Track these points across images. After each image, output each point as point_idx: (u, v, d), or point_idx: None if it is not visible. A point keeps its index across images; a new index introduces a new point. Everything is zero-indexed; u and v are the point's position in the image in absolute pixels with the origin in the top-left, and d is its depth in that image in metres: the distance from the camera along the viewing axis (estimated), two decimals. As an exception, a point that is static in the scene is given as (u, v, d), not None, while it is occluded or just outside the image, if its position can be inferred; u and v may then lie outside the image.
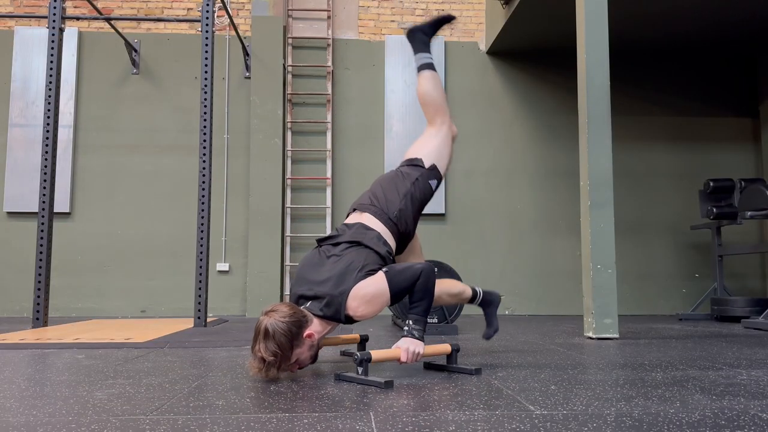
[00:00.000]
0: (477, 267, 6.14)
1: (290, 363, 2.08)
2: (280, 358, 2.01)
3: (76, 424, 1.45)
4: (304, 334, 2.08)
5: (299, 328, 2.06)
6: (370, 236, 2.30)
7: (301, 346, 2.08)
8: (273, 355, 1.99)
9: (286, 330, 2.01)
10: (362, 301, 2.13)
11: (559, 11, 5.39)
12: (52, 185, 4.46)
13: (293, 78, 6.30)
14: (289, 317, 2.04)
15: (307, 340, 2.09)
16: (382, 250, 2.28)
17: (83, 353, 2.87)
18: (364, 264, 2.20)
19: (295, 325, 2.04)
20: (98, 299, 5.92)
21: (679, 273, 6.36)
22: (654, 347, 3.12)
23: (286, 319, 2.03)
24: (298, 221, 6.15)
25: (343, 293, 2.13)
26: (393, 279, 2.15)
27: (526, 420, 1.50)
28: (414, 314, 2.17)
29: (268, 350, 1.99)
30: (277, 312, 2.06)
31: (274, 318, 2.03)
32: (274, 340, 2.00)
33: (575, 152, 6.34)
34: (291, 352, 2.04)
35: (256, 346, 2.03)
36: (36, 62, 6.10)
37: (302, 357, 2.11)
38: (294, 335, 2.03)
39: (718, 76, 6.63)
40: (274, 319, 2.03)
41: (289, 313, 2.06)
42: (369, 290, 2.14)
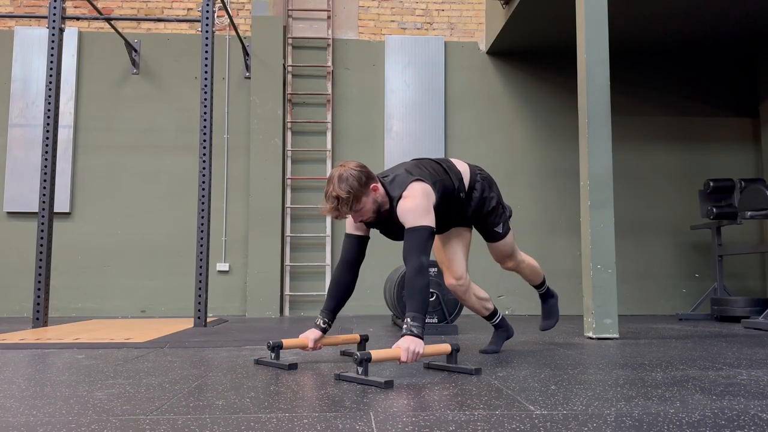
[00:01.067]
0: (477, 267, 6.14)
1: (358, 207, 2.30)
2: (353, 197, 2.25)
3: (76, 424, 1.45)
4: (371, 185, 2.31)
5: (368, 178, 2.31)
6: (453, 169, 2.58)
7: (367, 195, 2.31)
8: (347, 192, 2.24)
9: (357, 175, 2.28)
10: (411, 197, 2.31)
11: (559, 11, 5.39)
12: (52, 185, 4.46)
13: (293, 78, 6.30)
14: (360, 168, 2.31)
15: (372, 193, 2.32)
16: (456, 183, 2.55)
17: (83, 353, 2.87)
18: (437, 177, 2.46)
19: (364, 174, 2.30)
20: (98, 299, 5.92)
21: (679, 273, 6.36)
22: (654, 347, 3.12)
23: (357, 167, 2.30)
24: (298, 221, 6.15)
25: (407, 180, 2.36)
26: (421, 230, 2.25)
27: (526, 420, 1.50)
28: (411, 312, 2.17)
29: (341, 189, 2.24)
30: (348, 163, 2.32)
31: (346, 166, 2.30)
32: (347, 182, 2.26)
33: (575, 152, 6.34)
34: (361, 195, 2.28)
35: (329, 189, 2.27)
36: (36, 62, 6.10)
37: (366, 207, 2.32)
38: (363, 182, 2.29)
39: (718, 76, 6.63)
40: (346, 167, 2.30)
41: (360, 165, 2.33)
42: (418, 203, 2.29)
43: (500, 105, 6.42)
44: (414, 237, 2.25)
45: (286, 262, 6.03)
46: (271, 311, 5.78)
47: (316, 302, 6.01)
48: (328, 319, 2.51)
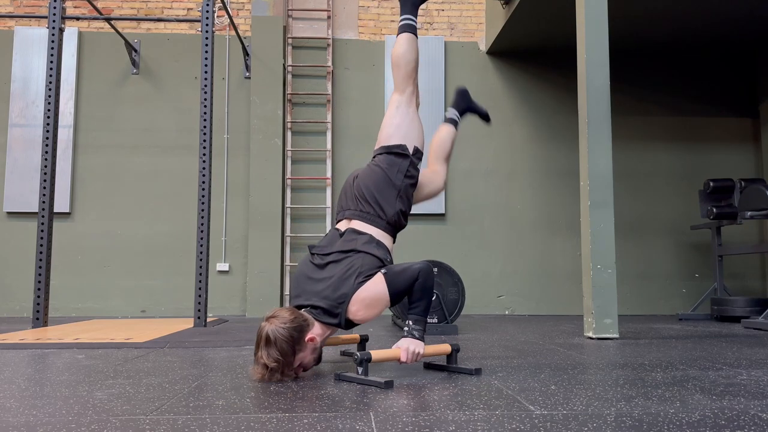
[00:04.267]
0: (477, 267, 6.14)
1: (294, 368, 2.07)
2: (282, 364, 2.01)
3: (76, 424, 1.45)
4: (306, 338, 2.07)
5: (301, 332, 2.04)
6: (363, 240, 2.27)
7: (303, 350, 2.07)
8: (275, 361, 1.99)
9: (287, 336, 2.00)
10: (362, 305, 2.13)
11: (559, 11, 5.39)
12: (52, 185, 4.46)
13: (293, 78, 6.30)
14: (290, 322, 2.03)
15: (309, 344, 2.08)
16: (378, 253, 2.25)
17: (83, 353, 2.87)
18: (361, 268, 2.18)
19: (296, 330, 2.03)
20: (98, 299, 5.92)
21: (679, 273, 6.36)
22: (654, 347, 3.12)
23: (287, 324, 2.02)
24: (298, 221, 6.15)
25: (342, 301, 2.13)
26: (392, 281, 2.15)
27: (526, 420, 1.50)
28: (414, 314, 2.18)
29: (270, 357, 1.99)
30: (278, 318, 2.04)
31: (275, 324, 2.02)
32: (276, 347, 1.99)
33: (575, 152, 6.34)
34: (293, 357, 2.04)
35: (258, 353, 2.03)
36: (36, 62, 6.10)
37: (305, 360, 2.11)
38: (296, 340, 2.03)
39: (718, 76, 6.63)
40: (275, 326, 2.01)
41: (290, 319, 2.04)
42: (369, 294, 2.13)
43: (500, 105, 6.41)
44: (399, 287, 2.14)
45: (286, 262, 6.03)
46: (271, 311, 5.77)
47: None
48: None
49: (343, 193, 2.49)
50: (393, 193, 2.39)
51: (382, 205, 2.36)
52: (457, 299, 3.92)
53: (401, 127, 2.52)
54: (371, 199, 2.37)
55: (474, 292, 5.92)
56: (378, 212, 2.36)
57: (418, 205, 6.12)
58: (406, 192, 2.42)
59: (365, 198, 2.38)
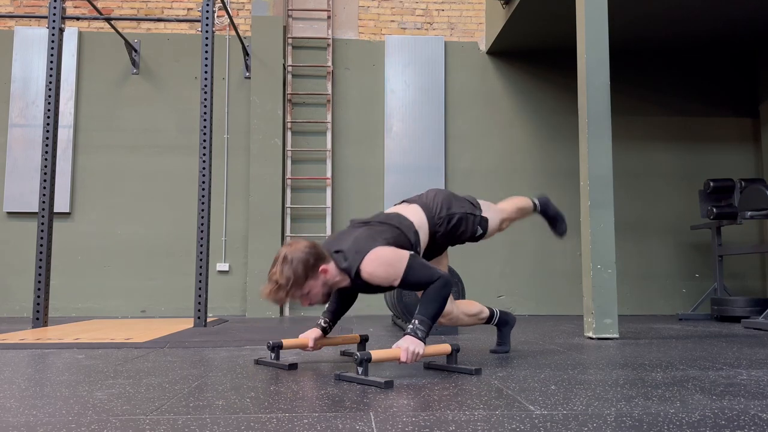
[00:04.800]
0: (477, 267, 6.14)
1: (302, 293, 2.14)
2: (292, 284, 2.09)
3: (76, 424, 1.45)
4: (320, 268, 2.15)
5: (316, 260, 2.14)
6: (405, 223, 2.36)
7: (315, 279, 2.15)
8: (287, 279, 2.08)
9: (303, 258, 2.10)
10: (378, 261, 2.16)
11: (559, 11, 5.39)
12: (52, 185, 4.46)
13: (293, 78, 6.30)
14: (309, 248, 2.14)
15: (321, 275, 2.16)
16: (412, 238, 2.34)
17: (83, 353, 2.87)
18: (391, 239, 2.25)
19: (312, 256, 2.13)
20: (98, 299, 5.92)
21: (679, 273, 6.36)
22: (654, 347, 3.12)
23: (305, 249, 2.13)
24: (298, 221, 6.15)
25: (361, 251, 2.18)
26: (413, 265, 2.17)
27: (526, 420, 1.50)
28: (421, 315, 2.16)
29: (283, 274, 2.08)
30: (297, 243, 2.17)
31: (294, 247, 2.14)
32: (291, 266, 2.09)
33: (575, 152, 6.34)
34: (304, 281, 2.12)
35: (272, 270, 2.13)
36: (36, 62, 6.10)
37: (314, 291, 2.17)
38: (310, 266, 2.12)
39: (718, 76, 6.63)
40: (294, 248, 2.13)
41: (309, 245, 2.16)
42: (388, 255, 2.17)
43: (500, 105, 6.42)
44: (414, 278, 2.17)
45: (286, 262, 6.02)
46: (271, 311, 5.78)
47: (316, 302, 6.00)
48: (329, 320, 2.51)
49: None
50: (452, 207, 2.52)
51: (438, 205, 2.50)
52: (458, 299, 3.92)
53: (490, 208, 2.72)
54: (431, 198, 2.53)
55: (474, 292, 5.91)
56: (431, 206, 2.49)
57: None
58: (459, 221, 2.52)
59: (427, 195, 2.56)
